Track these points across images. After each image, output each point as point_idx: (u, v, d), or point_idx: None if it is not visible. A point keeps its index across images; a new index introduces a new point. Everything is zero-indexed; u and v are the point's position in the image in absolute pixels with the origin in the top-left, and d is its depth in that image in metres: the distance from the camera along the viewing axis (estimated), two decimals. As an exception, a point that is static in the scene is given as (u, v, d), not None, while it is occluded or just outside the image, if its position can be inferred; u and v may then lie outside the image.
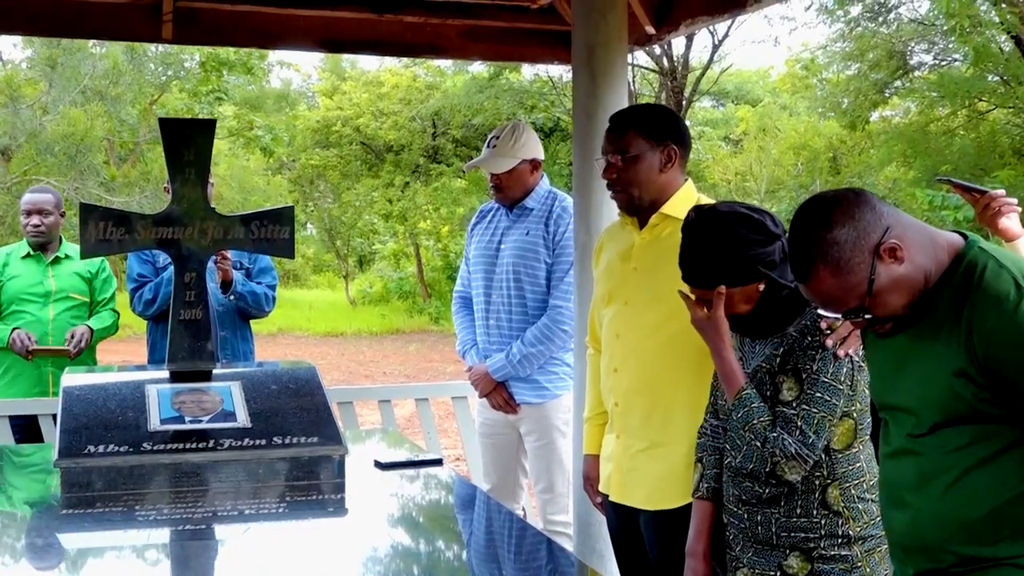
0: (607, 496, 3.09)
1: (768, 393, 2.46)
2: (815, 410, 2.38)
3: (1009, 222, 2.69)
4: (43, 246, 4.94)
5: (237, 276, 4.75)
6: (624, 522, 3.04)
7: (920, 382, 2.01)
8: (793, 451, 2.36)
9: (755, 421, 2.40)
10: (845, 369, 2.40)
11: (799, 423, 2.38)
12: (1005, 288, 1.89)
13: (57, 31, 5.12)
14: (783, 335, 2.47)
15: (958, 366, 1.92)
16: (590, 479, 3.25)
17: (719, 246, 2.44)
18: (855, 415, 2.43)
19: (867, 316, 2.00)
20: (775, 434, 2.39)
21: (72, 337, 4.72)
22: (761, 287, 2.46)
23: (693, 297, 2.51)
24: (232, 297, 4.75)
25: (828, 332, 2.40)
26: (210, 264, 4.46)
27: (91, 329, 4.82)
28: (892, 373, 2.09)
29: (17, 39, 24.00)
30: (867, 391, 2.43)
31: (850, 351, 2.39)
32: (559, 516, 4.22)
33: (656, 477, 2.89)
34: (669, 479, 2.87)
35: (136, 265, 4.80)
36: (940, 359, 1.95)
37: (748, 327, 2.53)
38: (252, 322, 5.01)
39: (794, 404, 2.39)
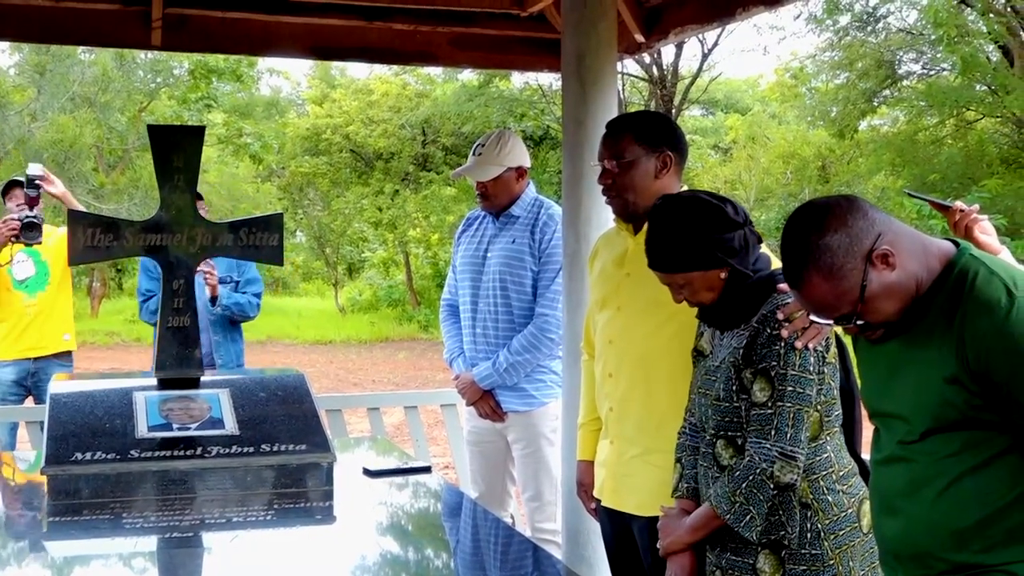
0: (600, 502, 3.08)
1: (735, 388, 2.45)
2: (788, 404, 2.37)
3: (988, 238, 2.66)
4: None
5: (222, 290, 5.30)
6: (617, 528, 3.02)
7: (912, 389, 2.00)
8: (775, 453, 2.36)
9: (743, 485, 2.38)
10: (812, 359, 2.39)
11: (775, 422, 2.37)
12: (996, 295, 1.89)
13: (46, 37, 5.10)
14: (747, 326, 2.47)
15: (950, 373, 1.91)
16: (584, 485, 3.23)
17: (679, 230, 2.47)
18: (820, 407, 2.43)
19: (859, 322, 2.00)
20: (750, 451, 2.38)
21: None
22: (723, 275, 2.47)
23: None
24: (219, 309, 5.29)
25: (786, 323, 2.40)
26: (200, 278, 4.82)
27: None
28: (884, 380, 2.09)
29: (5, 45, 23.96)
30: (833, 383, 2.45)
31: (810, 343, 2.38)
32: (547, 524, 4.20)
33: (650, 483, 2.88)
34: (663, 485, 2.85)
35: (144, 281, 5.37)
36: (932, 366, 1.95)
37: (715, 317, 2.55)
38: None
39: (769, 404, 2.39)
